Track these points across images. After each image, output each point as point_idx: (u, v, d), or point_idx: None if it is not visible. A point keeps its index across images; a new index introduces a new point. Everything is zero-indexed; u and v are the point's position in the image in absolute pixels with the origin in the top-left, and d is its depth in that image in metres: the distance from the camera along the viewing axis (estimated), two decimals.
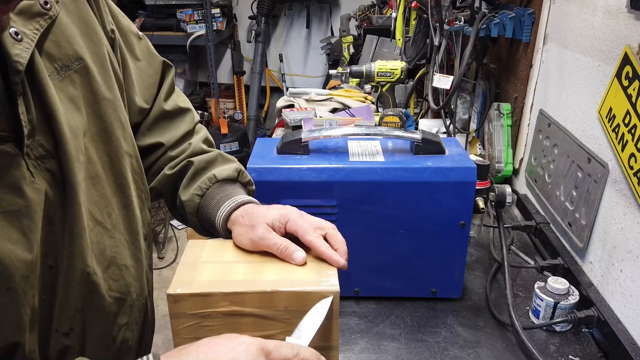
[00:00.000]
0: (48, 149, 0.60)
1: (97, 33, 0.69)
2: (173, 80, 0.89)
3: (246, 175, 0.86)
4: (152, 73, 0.84)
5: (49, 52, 0.61)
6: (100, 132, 0.69)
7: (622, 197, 0.89)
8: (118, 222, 0.73)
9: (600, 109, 0.96)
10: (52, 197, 0.61)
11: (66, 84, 0.63)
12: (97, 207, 0.68)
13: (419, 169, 0.90)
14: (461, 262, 0.96)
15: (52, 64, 0.62)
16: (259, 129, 3.99)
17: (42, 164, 0.60)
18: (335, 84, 2.22)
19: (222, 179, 0.82)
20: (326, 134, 0.95)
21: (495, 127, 1.46)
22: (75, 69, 0.64)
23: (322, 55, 3.95)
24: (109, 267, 0.71)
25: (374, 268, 0.86)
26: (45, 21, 0.60)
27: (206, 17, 3.41)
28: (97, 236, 0.68)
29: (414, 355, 0.87)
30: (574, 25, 1.11)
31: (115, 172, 0.72)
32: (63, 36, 0.63)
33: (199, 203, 0.82)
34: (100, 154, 0.69)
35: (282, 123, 1.81)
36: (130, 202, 0.75)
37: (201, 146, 0.86)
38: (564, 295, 0.92)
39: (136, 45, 0.81)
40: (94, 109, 0.67)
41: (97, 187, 0.68)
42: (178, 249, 3.16)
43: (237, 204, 0.79)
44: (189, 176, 0.83)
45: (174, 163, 0.85)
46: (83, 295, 0.67)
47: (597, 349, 0.89)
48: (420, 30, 1.89)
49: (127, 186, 0.74)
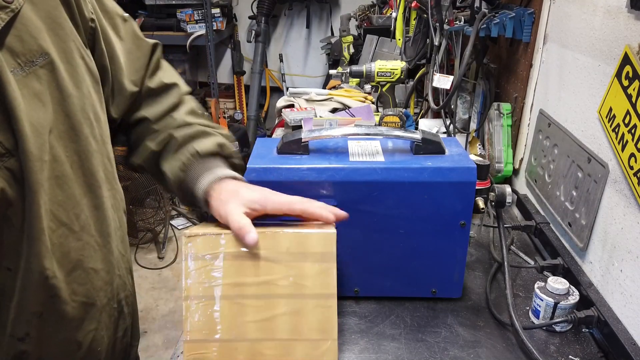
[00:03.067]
0: (7, 147, 0.58)
1: (63, 28, 0.65)
2: (159, 57, 0.87)
3: (228, 148, 0.85)
4: (141, 55, 0.82)
5: (11, 47, 0.58)
6: (68, 130, 0.66)
7: (622, 197, 0.89)
8: (87, 224, 0.70)
9: (600, 109, 0.96)
10: (12, 196, 0.59)
11: (31, 79, 0.60)
12: (62, 208, 0.65)
13: (419, 169, 0.90)
14: (461, 262, 0.96)
15: (15, 59, 0.59)
16: (259, 129, 3.99)
17: (1, 163, 0.58)
18: (335, 84, 2.22)
19: (203, 153, 0.81)
20: (326, 134, 0.95)
21: (495, 127, 1.46)
22: (41, 64, 0.61)
23: (322, 55, 3.94)
24: (73, 271, 0.68)
25: (374, 268, 0.86)
26: (7, 14, 0.57)
27: (206, 17, 3.41)
28: (59, 238, 0.65)
29: (414, 355, 0.87)
30: (574, 25, 1.11)
31: (85, 172, 0.69)
32: (27, 31, 0.60)
33: (181, 177, 0.81)
34: (69, 153, 0.66)
35: (282, 123, 1.81)
36: (102, 203, 0.72)
37: (185, 119, 0.84)
38: (564, 295, 0.92)
39: (121, 27, 0.79)
40: (61, 105, 0.64)
41: (63, 187, 0.65)
42: (178, 249, 3.16)
43: (216, 177, 0.79)
44: (172, 151, 0.82)
45: (156, 137, 0.83)
46: (41, 300, 0.64)
47: (597, 349, 0.89)
48: (420, 30, 1.89)
49: (98, 186, 0.72)
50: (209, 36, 3.45)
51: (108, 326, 0.76)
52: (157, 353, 2.42)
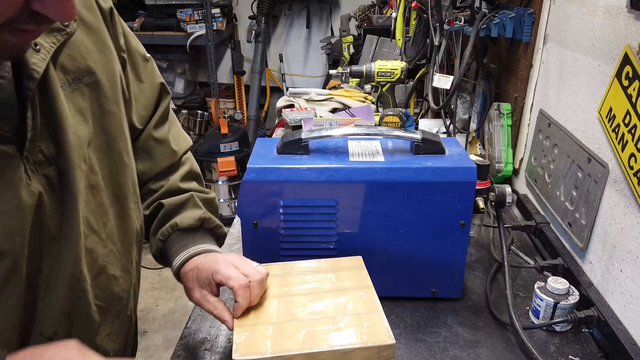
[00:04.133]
0: (48, 155, 0.62)
1: (111, 51, 0.73)
2: (168, 108, 0.90)
3: (212, 222, 0.89)
4: (151, 96, 0.86)
5: (63, 65, 0.65)
6: (103, 144, 0.72)
7: (622, 197, 0.89)
8: (112, 233, 0.74)
9: (600, 109, 0.96)
10: (48, 202, 0.62)
11: (76, 95, 0.66)
12: (94, 216, 0.70)
13: (419, 169, 0.90)
14: (461, 262, 0.96)
15: (65, 76, 0.65)
16: (259, 129, 3.99)
17: (40, 170, 0.61)
18: (335, 84, 2.22)
19: (182, 227, 0.85)
20: (326, 134, 0.95)
21: (495, 127, 1.46)
22: (86, 82, 0.68)
23: (322, 55, 3.94)
24: (98, 276, 0.72)
25: (373, 268, 0.86)
26: (62, 36, 0.64)
27: (206, 17, 3.41)
28: (91, 244, 0.69)
29: (414, 355, 0.87)
30: (574, 25, 1.11)
31: (114, 184, 0.74)
32: (78, 51, 0.67)
33: (160, 248, 0.86)
34: (102, 165, 0.72)
35: (282, 123, 1.81)
36: (127, 214, 0.77)
37: (178, 185, 0.88)
38: (564, 295, 0.92)
39: (141, 67, 0.84)
40: (100, 121, 0.70)
41: (96, 196, 0.70)
42: None
43: (189, 255, 0.83)
44: (158, 219, 0.87)
45: (149, 202, 0.88)
46: (71, 301, 0.67)
47: (597, 349, 0.89)
48: (420, 30, 1.89)
49: (125, 198, 0.76)
50: (209, 36, 3.45)
51: (120, 332, 0.79)
52: (157, 353, 2.42)
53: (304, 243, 0.96)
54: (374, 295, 0.79)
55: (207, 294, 0.78)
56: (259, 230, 0.94)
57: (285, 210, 0.92)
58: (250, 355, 0.67)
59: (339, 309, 0.76)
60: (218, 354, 0.87)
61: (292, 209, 0.92)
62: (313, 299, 0.78)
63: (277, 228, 0.94)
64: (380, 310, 0.76)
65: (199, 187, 0.92)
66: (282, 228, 0.94)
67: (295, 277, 0.83)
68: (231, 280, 0.74)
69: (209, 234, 0.90)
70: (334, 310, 0.76)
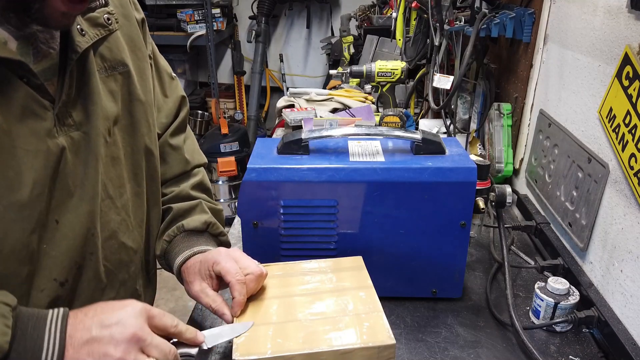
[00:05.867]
0: (76, 121, 0.70)
1: (143, 52, 0.84)
2: (186, 118, 1.00)
3: (217, 228, 0.93)
4: (172, 107, 0.95)
5: (102, 54, 0.76)
6: (128, 126, 0.80)
7: (622, 198, 0.89)
8: (127, 205, 0.81)
9: (600, 109, 0.96)
10: (70, 160, 0.69)
11: (110, 80, 0.77)
12: (111, 183, 0.77)
13: (419, 169, 0.90)
14: (461, 262, 0.96)
15: (103, 62, 0.76)
16: (259, 129, 3.99)
17: (67, 131, 0.69)
18: (336, 84, 2.22)
19: (189, 229, 0.89)
20: (326, 134, 0.95)
21: (495, 127, 1.46)
22: (120, 71, 0.78)
23: (323, 55, 3.94)
24: (109, 239, 0.78)
25: (374, 268, 0.86)
26: (105, 31, 0.75)
27: (206, 17, 3.41)
28: (105, 207, 0.76)
29: (414, 355, 0.87)
30: (574, 25, 1.11)
31: (134, 162, 0.82)
32: (116, 46, 0.78)
33: (165, 248, 0.90)
34: (125, 144, 0.80)
35: (282, 123, 1.81)
36: (142, 192, 0.84)
37: (189, 192, 0.94)
38: (564, 296, 0.92)
39: (167, 84, 0.94)
40: (127, 106, 0.80)
41: (115, 167, 0.78)
42: None
43: (192, 253, 0.85)
44: (165, 222, 0.91)
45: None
46: (82, 254, 0.73)
47: (597, 349, 0.89)
48: (420, 30, 1.88)
49: (142, 177, 0.84)
50: (210, 36, 3.45)
51: None
52: None
53: (304, 243, 0.96)
54: (374, 295, 0.80)
55: (207, 287, 0.80)
56: (259, 231, 0.94)
57: (286, 210, 0.92)
58: (250, 356, 0.67)
59: (339, 309, 0.76)
60: (218, 354, 0.87)
61: (292, 209, 0.92)
62: (313, 299, 0.78)
63: (277, 228, 0.94)
64: (381, 311, 0.76)
65: (208, 198, 0.97)
66: (282, 228, 0.94)
67: (295, 277, 0.84)
68: (229, 274, 0.76)
69: (213, 240, 0.92)
70: (334, 310, 0.76)
